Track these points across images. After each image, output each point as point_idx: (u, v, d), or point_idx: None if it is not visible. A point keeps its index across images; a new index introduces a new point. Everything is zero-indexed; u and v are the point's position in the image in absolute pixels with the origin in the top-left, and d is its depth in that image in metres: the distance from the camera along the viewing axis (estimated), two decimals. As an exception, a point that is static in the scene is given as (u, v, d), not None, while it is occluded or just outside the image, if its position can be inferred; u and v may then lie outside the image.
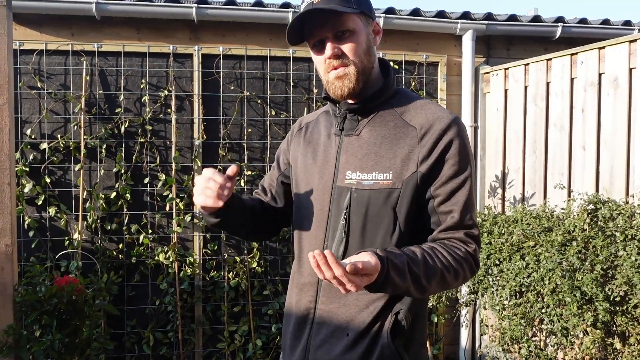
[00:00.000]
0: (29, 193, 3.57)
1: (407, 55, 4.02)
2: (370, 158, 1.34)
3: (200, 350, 3.81)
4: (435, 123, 1.33)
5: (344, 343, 1.35)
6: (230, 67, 3.84)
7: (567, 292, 2.67)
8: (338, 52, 1.33)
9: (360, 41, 1.34)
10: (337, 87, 1.35)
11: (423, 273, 1.22)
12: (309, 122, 1.58)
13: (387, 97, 1.41)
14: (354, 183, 1.34)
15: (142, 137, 3.72)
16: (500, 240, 3.17)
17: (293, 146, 1.57)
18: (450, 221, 1.31)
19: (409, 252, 1.23)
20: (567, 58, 3.27)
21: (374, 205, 1.31)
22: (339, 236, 1.35)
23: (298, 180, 1.50)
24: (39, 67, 3.63)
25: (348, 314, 1.35)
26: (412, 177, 1.30)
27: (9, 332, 2.76)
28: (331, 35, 1.33)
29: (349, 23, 1.33)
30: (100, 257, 3.64)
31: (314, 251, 1.06)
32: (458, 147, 1.32)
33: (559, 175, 3.32)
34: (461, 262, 1.29)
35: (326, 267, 1.06)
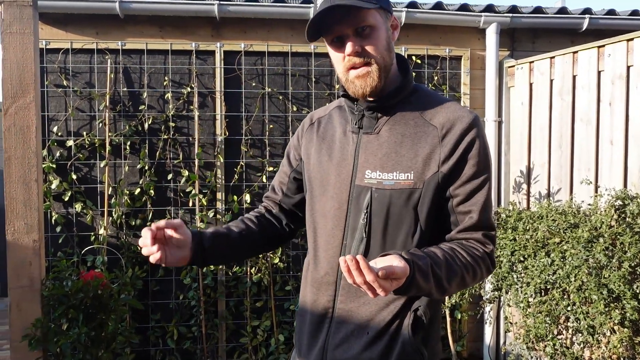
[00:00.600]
0: (56, 189, 3.64)
1: (429, 49, 3.98)
2: (390, 157, 1.32)
3: (223, 344, 3.85)
4: (457, 123, 1.31)
5: (364, 341, 1.34)
6: (252, 64, 3.85)
7: (594, 289, 2.61)
8: (359, 49, 1.29)
9: (380, 37, 1.31)
10: (358, 86, 1.33)
11: (445, 275, 1.21)
12: (321, 117, 1.55)
13: (406, 94, 1.39)
14: (374, 182, 1.32)
15: (165, 134, 3.76)
16: (524, 236, 3.13)
17: (305, 142, 1.54)
18: (469, 222, 1.31)
19: (431, 254, 1.23)
20: (594, 50, 3.19)
21: (395, 205, 1.30)
22: (358, 236, 1.33)
23: (312, 176, 1.47)
24: (65, 66, 3.69)
25: (368, 312, 1.34)
26: (433, 177, 1.29)
27: (37, 326, 2.82)
28: (351, 32, 1.29)
29: (370, 18, 1.29)
30: (125, 252, 3.70)
31: (346, 256, 1.05)
32: (479, 148, 1.31)
33: (586, 170, 3.25)
34: (479, 263, 1.30)
35: (358, 273, 1.05)
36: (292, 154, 1.60)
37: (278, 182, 1.63)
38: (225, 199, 3.83)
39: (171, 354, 3.78)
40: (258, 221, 1.58)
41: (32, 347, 2.80)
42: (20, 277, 2.86)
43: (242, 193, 3.84)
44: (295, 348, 1.55)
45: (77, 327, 2.86)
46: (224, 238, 1.47)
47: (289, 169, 1.59)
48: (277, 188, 1.63)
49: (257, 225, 1.56)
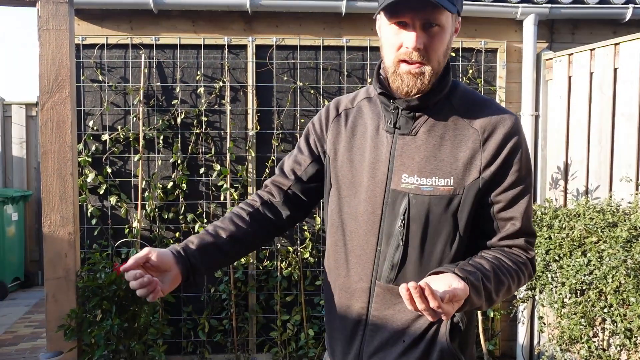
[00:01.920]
0: (92, 182, 3.72)
1: (464, 42, 3.89)
2: (429, 162, 1.27)
3: (253, 338, 3.88)
4: (499, 126, 1.26)
5: (400, 349, 1.31)
6: (284, 58, 3.84)
7: (632, 291, 2.52)
8: (421, 46, 1.21)
9: (444, 40, 1.24)
10: (405, 84, 1.25)
11: (494, 287, 1.19)
12: (349, 108, 1.45)
13: (446, 93, 1.31)
14: (412, 188, 1.26)
15: (197, 128, 3.79)
16: (560, 235, 3.03)
17: (331, 135, 1.44)
18: (512, 228, 1.27)
19: (480, 267, 1.19)
20: (636, 42, 3.06)
21: (434, 212, 1.25)
22: (395, 243, 1.29)
23: (340, 175, 1.40)
24: (101, 61, 3.75)
25: (404, 320, 1.30)
26: (474, 183, 1.24)
27: (72, 316, 2.90)
28: (419, 24, 1.21)
29: (443, 18, 1.22)
30: (158, 245, 3.75)
31: (409, 284, 1.01)
32: (521, 153, 1.27)
33: (626, 167, 3.13)
34: (523, 269, 1.27)
35: (421, 300, 1.01)
36: (312, 141, 1.49)
37: (290, 167, 1.50)
38: (256, 193, 3.83)
39: (202, 346, 3.83)
40: (251, 218, 1.45)
41: (67, 337, 2.87)
42: (56, 268, 2.94)
43: (273, 187, 3.84)
44: (328, 353, 1.51)
45: (110, 319, 2.93)
46: (212, 247, 1.37)
47: (310, 156, 1.49)
48: (289, 172, 1.50)
49: (249, 224, 1.44)
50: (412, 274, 1.27)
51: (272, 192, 1.50)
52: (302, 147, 1.51)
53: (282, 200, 1.49)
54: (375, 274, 1.32)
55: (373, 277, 1.33)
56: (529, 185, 1.28)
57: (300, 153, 1.50)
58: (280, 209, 1.49)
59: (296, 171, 1.49)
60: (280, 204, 1.49)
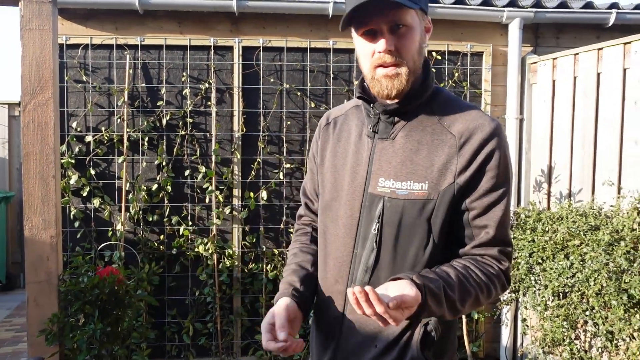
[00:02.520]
0: (75, 184, 3.68)
1: (450, 45, 3.91)
2: (405, 166, 1.27)
3: (238, 341, 3.86)
4: (477, 132, 1.25)
5: (372, 354, 1.31)
6: (270, 59, 3.83)
7: (614, 294, 2.54)
8: (392, 48, 1.23)
9: (414, 38, 1.25)
10: (384, 87, 1.26)
11: (458, 297, 1.18)
12: (337, 116, 1.48)
13: (426, 98, 1.32)
14: (387, 192, 1.27)
15: (183, 130, 3.77)
16: (543, 237, 3.06)
17: (321, 143, 1.48)
18: (485, 237, 1.26)
19: (443, 275, 1.18)
20: (619, 47, 3.10)
21: (407, 216, 1.25)
22: (369, 246, 1.29)
23: (325, 179, 1.43)
24: (85, 61, 3.71)
25: (376, 325, 1.30)
26: (449, 188, 1.24)
27: (54, 321, 2.86)
28: (387, 28, 1.23)
29: (408, 17, 1.23)
30: (142, 248, 3.72)
31: (354, 288, 1.02)
32: (499, 160, 1.24)
33: (609, 171, 3.17)
34: (494, 281, 1.25)
35: (367, 305, 1.02)
36: (314, 157, 1.53)
37: (312, 189, 1.55)
38: (241, 196, 3.83)
39: (186, 349, 3.81)
40: (315, 244, 1.52)
41: (48, 342, 2.83)
42: (37, 272, 2.89)
43: (259, 189, 3.83)
44: (310, 354, 1.53)
45: (92, 323, 2.89)
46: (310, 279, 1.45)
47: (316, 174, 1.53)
48: (313, 195, 1.55)
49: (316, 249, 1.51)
50: (385, 278, 1.26)
51: (311, 217, 1.57)
52: (312, 168, 1.55)
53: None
54: (351, 276, 1.33)
55: (349, 279, 1.34)
56: (506, 193, 1.26)
57: (313, 174, 1.54)
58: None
59: (317, 190, 1.53)
60: None
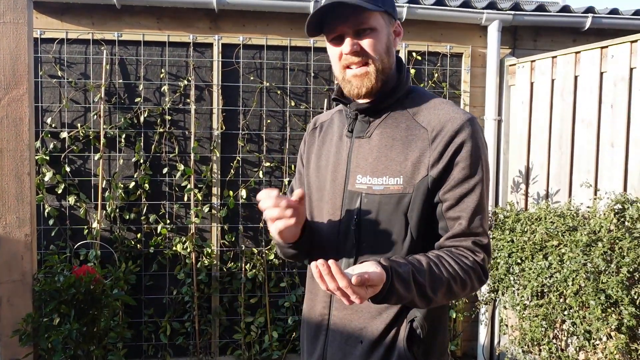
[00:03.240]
0: (49, 182, 3.59)
1: (430, 46, 3.93)
2: (380, 162, 1.29)
3: (216, 340, 3.82)
4: (447, 124, 1.27)
5: (359, 351, 1.32)
6: (250, 57, 3.80)
7: (592, 294, 2.59)
8: (357, 48, 1.27)
9: (381, 39, 1.29)
10: (354, 86, 1.30)
11: (429, 283, 1.17)
12: (324, 121, 1.53)
13: (400, 96, 1.35)
14: (364, 188, 1.30)
15: (161, 127, 3.71)
16: (522, 238, 3.10)
17: (307, 146, 1.53)
18: (458, 228, 1.26)
19: (414, 262, 1.19)
20: (597, 51, 3.15)
21: (384, 210, 1.27)
22: (350, 242, 1.31)
23: (310, 181, 1.46)
24: (60, 56, 3.63)
25: (361, 321, 1.32)
26: (422, 181, 1.25)
27: (28, 321, 2.79)
28: (351, 32, 1.27)
29: (371, 21, 1.27)
30: (118, 246, 3.66)
31: (317, 261, 1.02)
32: (470, 150, 1.25)
33: (585, 172, 3.22)
34: (469, 272, 1.24)
35: (330, 278, 1.02)
36: (301, 160, 1.56)
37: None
38: (220, 194, 3.79)
39: (164, 349, 3.75)
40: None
41: (22, 342, 2.76)
42: (11, 271, 2.82)
43: (238, 188, 3.79)
44: (301, 353, 1.54)
45: (68, 323, 2.83)
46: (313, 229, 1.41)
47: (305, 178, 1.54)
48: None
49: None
50: None
51: None
52: (300, 169, 1.56)
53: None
54: None
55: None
56: (479, 183, 1.26)
57: (300, 175, 1.55)
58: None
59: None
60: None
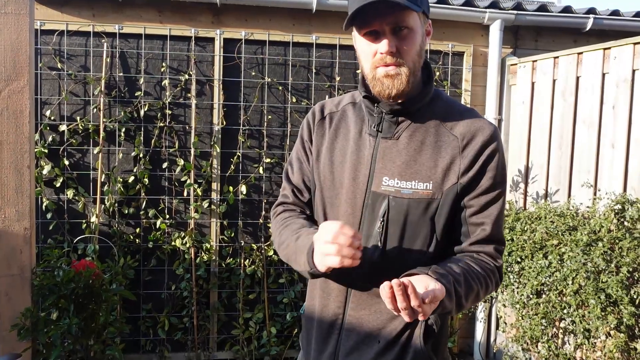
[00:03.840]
0: (48, 175, 3.57)
1: (432, 44, 3.92)
2: (410, 165, 1.30)
3: (214, 336, 3.82)
4: (478, 134, 1.30)
5: (375, 350, 1.33)
6: (252, 53, 3.78)
7: (591, 293, 2.60)
8: (394, 49, 1.25)
9: (416, 41, 1.28)
10: (385, 86, 1.28)
11: (464, 292, 1.21)
12: (333, 112, 1.47)
13: (428, 100, 1.36)
14: (392, 191, 1.29)
15: (161, 122, 3.69)
16: (522, 237, 3.11)
17: (316, 137, 1.46)
18: (482, 234, 1.30)
19: (452, 272, 1.21)
20: (599, 52, 3.16)
21: (413, 215, 1.28)
22: (373, 244, 1.31)
23: (322, 175, 1.41)
24: (60, 48, 3.59)
25: (379, 321, 1.33)
26: (452, 188, 1.28)
27: (27, 316, 2.77)
28: (389, 29, 1.25)
29: (410, 20, 1.26)
30: (117, 240, 3.64)
31: (392, 281, 1.02)
32: (498, 161, 1.30)
33: (586, 172, 3.23)
34: (491, 277, 1.30)
35: (403, 298, 1.02)
36: (307, 147, 1.49)
37: (301, 181, 1.48)
38: (220, 190, 3.77)
39: (162, 344, 3.74)
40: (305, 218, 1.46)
41: (21, 337, 2.74)
42: (10, 265, 2.80)
43: (238, 184, 3.78)
44: (302, 351, 1.53)
45: (67, 318, 2.81)
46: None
47: (308, 163, 1.48)
48: (303, 187, 1.48)
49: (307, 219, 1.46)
50: (389, 276, 1.27)
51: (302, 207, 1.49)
52: (301, 157, 1.50)
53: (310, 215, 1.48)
54: (354, 274, 1.33)
55: (351, 277, 1.34)
56: (502, 193, 1.31)
57: (301, 163, 1.50)
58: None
59: (307, 182, 1.48)
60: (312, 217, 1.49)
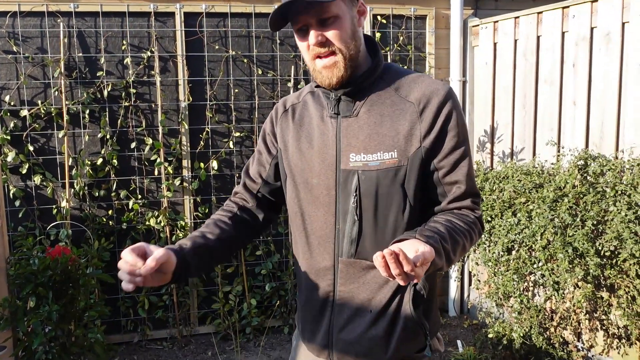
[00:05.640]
0: (12, 162, 3.48)
1: (394, 8, 3.92)
2: (373, 138, 1.34)
3: (195, 311, 3.85)
4: (433, 97, 1.34)
5: (368, 320, 1.38)
6: (214, 26, 3.72)
7: (559, 248, 2.72)
8: (322, 39, 1.29)
9: (345, 27, 1.31)
10: (325, 77, 1.33)
11: (451, 248, 1.24)
12: (295, 103, 1.52)
13: (378, 74, 1.39)
14: (360, 165, 1.33)
15: (126, 101, 3.62)
16: (492, 197, 3.20)
17: (280, 130, 1.51)
18: (458, 191, 1.35)
19: (437, 231, 1.24)
20: (558, 12, 3.22)
21: (383, 185, 1.32)
22: (350, 219, 1.35)
23: (292, 165, 1.46)
24: (14, 30, 3.47)
25: (368, 292, 1.38)
26: (416, 152, 1.32)
27: (5, 306, 2.75)
28: (315, 21, 1.29)
29: (333, 8, 1.28)
30: (90, 224, 3.60)
31: (384, 251, 1.04)
32: (457, 119, 1.34)
33: (549, 130, 3.33)
34: (473, 229, 1.34)
35: (395, 265, 1.04)
36: (269, 141, 1.54)
37: (256, 171, 1.57)
38: (191, 167, 3.75)
39: (143, 323, 3.76)
40: (233, 222, 1.51)
41: (0, 327, 2.73)
42: (-17, 256, 2.76)
43: (209, 160, 3.77)
44: (298, 331, 1.58)
45: (47, 305, 2.80)
46: (204, 249, 1.40)
47: (269, 156, 1.54)
48: (256, 176, 1.56)
49: (232, 227, 1.50)
50: (370, 246, 1.35)
51: (245, 197, 1.58)
52: (261, 149, 1.57)
53: (255, 204, 1.56)
54: (337, 250, 1.39)
55: (335, 254, 1.39)
56: (468, 149, 1.37)
57: (260, 155, 1.57)
58: (255, 212, 1.57)
59: (262, 174, 1.55)
60: (255, 208, 1.56)
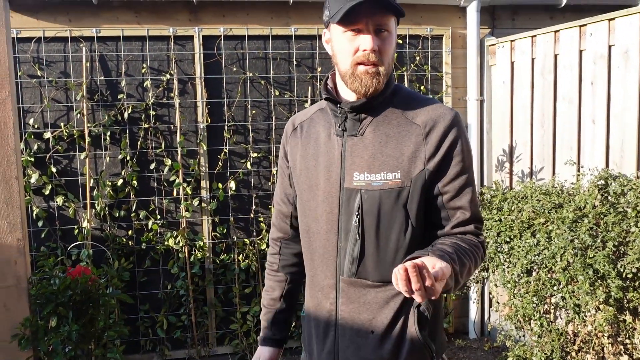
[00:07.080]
0: (36, 183, 3.56)
1: (411, 29, 3.94)
2: (377, 158, 1.35)
3: (213, 332, 3.86)
4: (440, 121, 1.35)
5: (371, 341, 1.37)
6: (232, 48, 3.78)
7: (580, 269, 2.67)
8: (377, 47, 1.30)
9: (393, 43, 1.35)
10: (364, 83, 1.32)
11: (459, 270, 1.24)
12: (303, 121, 1.54)
13: (388, 95, 1.41)
14: (363, 184, 1.35)
15: (146, 123, 3.69)
16: (510, 217, 3.17)
17: (290, 148, 1.54)
18: (462, 217, 1.36)
19: (446, 252, 1.24)
20: (575, 30, 3.20)
21: (385, 205, 1.33)
22: (352, 237, 1.36)
23: (300, 182, 1.49)
24: (38, 55, 3.57)
25: (369, 312, 1.38)
26: (420, 174, 1.33)
27: (26, 325, 2.79)
28: (373, 29, 1.30)
29: (390, 24, 1.32)
30: (110, 244, 3.65)
31: (406, 264, 1.03)
32: (462, 145, 1.35)
33: (568, 149, 3.29)
34: (477, 252, 1.35)
35: (417, 279, 1.03)
36: (284, 161, 1.59)
37: (284, 194, 1.60)
38: (209, 187, 3.79)
39: (161, 343, 3.78)
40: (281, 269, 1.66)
41: (22, 346, 2.76)
42: (5, 276, 2.81)
43: (227, 180, 3.80)
44: (305, 352, 1.58)
45: (67, 324, 2.83)
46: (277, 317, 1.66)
47: (288, 178, 1.58)
48: (286, 200, 1.60)
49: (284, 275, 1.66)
50: (371, 266, 1.36)
51: (282, 229, 1.64)
52: (281, 173, 1.60)
53: (291, 234, 1.62)
54: (339, 269, 1.40)
55: (337, 273, 1.41)
56: (472, 175, 1.38)
57: (283, 179, 1.60)
58: (296, 242, 1.62)
59: (289, 197, 1.58)
60: (294, 237, 1.62)
